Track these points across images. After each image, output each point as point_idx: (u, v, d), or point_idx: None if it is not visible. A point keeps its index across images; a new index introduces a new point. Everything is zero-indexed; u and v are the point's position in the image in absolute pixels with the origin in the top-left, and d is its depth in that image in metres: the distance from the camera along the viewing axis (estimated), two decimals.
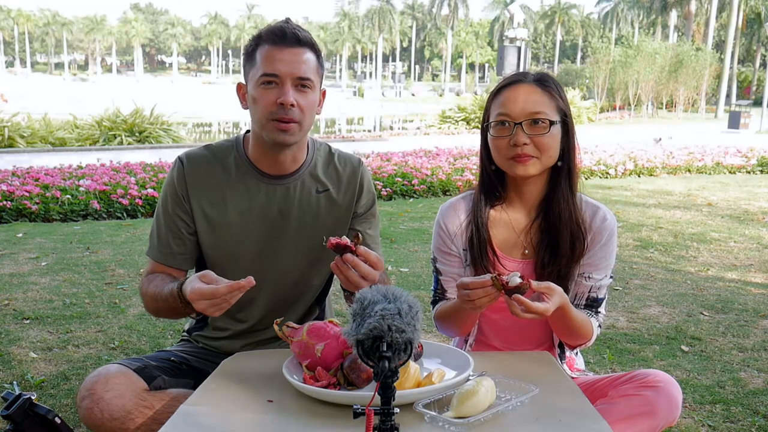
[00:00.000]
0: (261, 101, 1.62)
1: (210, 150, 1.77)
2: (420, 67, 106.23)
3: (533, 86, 1.63)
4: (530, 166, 1.61)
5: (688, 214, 7.25)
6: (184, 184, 1.73)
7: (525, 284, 1.40)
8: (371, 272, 1.44)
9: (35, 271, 4.49)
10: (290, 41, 1.62)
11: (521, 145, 1.59)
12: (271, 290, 1.78)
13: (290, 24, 1.66)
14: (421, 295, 3.92)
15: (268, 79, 1.61)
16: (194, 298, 1.40)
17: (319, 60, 1.69)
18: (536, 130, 1.60)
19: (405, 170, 9.10)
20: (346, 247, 1.43)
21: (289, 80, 1.61)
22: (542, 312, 1.42)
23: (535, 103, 1.60)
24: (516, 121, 1.60)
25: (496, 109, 1.64)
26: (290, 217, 1.75)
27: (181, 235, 1.74)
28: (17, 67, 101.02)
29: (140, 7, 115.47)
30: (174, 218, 1.74)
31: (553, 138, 1.62)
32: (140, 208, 6.91)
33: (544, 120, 1.60)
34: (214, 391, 1.42)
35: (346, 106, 35.77)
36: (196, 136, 21.08)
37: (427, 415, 1.25)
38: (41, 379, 2.79)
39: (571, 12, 78.26)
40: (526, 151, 1.60)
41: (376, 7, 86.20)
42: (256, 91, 1.63)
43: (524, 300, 1.40)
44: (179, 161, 1.76)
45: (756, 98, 45.08)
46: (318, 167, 1.79)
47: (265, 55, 1.62)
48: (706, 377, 2.90)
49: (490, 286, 1.42)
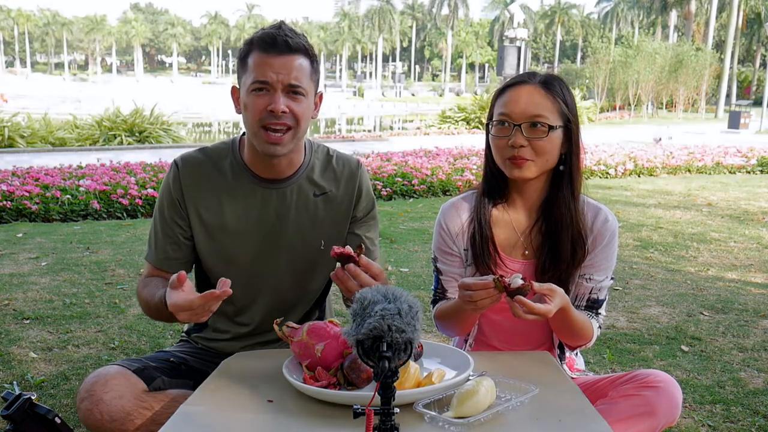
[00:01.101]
0: (251, 107, 1.61)
1: (205, 153, 1.76)
2: (420, 67, 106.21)
3: (537, 88, 1.61)
4: (525, 169, 1.61)
5: (688, 214, 7.25)
6: (180, 188, 1.72)
7: (527, 286, 1.40)
8: (372, 283, 1.43)
9: (35, 271, 4.49)
10: (281, 48, 1.59)
11: (518, 147, 1.59)
12: (270, 293, 1.78)
13: (282, 29, 1.63)
14: (421, 295, 3.92)
15: (259, 86, 1.60)
16: (174, 311, 1.39)
17: (314, 65, 1.66)
18: (535, 134, 1.59)
19: (405, 170, 9.09)
20: (350, 257, 1.43)
21: (279, 87, 1.59)
22: (544, 313, 1.42)
23: (536, 106, 1.59)
24: (515, 122, 1.59)
25: (499, 108, 1.64)
26: (287, 221, 1.74)
27: (177, 241, 1.74)
28: (17, 67, 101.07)
29: (140, 7, 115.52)
30: (170, 223, 1.74)
31: (552, 142, 1.61)
32: (140, 208, 6.92)
33: (543, 124, 1.59)
34: (213, 392, 1.41)
35: (346, 106, 35.74)
36: (196, 136, 21.10)
37: (427, 415, 1.25)
38: (41, 379, 2.79)
39: (571, 12, 78.27)
40: (522, 154, 1.59)
41: (376, 7, 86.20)
42: (247, 98, 1.62)
43: (526, 302, 1.40)
44: (174, 165, 1.75)
45: (756, 98, 45.08)
46: (315, 170, 1.78)
47: (256, 61, 1.60)
48: (706, 377, 2.90)
49: (492, 288, 1.42)
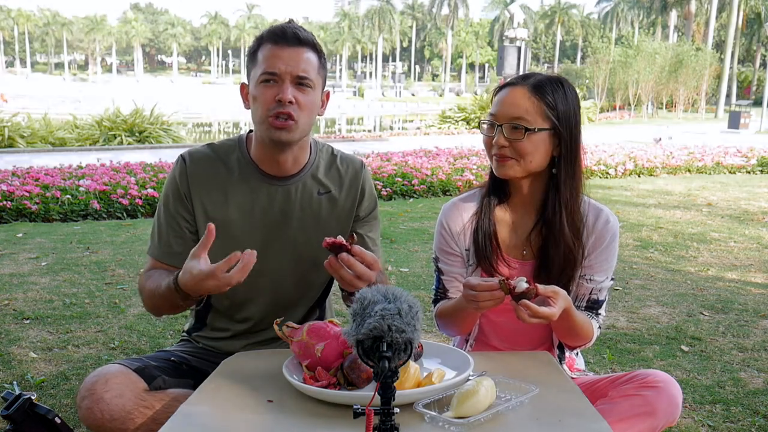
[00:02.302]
0: (260, 98, 1.64)
1: (213, 149, 1.78)
2: (420, 67, 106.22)
3: (524, 91, 1.63)
4: (509, 168, 1.64)
5: (688, 214, 7.25)
6: (186, 182, 1.73)
7: (532, 289, 1.41)
8: (366, 272, 1.45)
9: (35, 271, 4.49)
10: (290, 40, 1.63)
11: (499, 146, 1.63)
12: (272, 291, 1.78)
13: (292, 24, 1.67)
14: (421, 295, 3.92)
15: (268, 77, 1.62)
16: (200, 279, 1.42)
17: (322, 61, 1.69)
18: (514, 135, 1.62)
19: (405, 170, 9.09)
20: (342, 246, 1.44)
21: (288, 78, 1.62)
22: (548, 317, 1.43)
23: (517, 108, 1.62)
24: (498, 122, 1.64)
25: (490, 108, 1.69)
26: (291, 219, 1.75)
27: (182, 234, 1.74)
28: (17, 67, 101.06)
29: (140, 7, 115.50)
30: (175, 216, 1.74)
31: (533, 144, 1.62)
32: (140, 208, 6.92)
33: (521, 126, 1.61)
34: (214, 391, 1.41)
35: (346, 106, 35.76)
36: (196, 136, 21.10)
37: (427, 415, 1.25)
38: (41, 379, 2.79)
39: (571, 12, 78.24)
40: (504, 153, 1.64)
41: (376, 7, 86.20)
42: (256, 90, 1.65)
43: (531, 305, 1.41)
44: (182, 159, 1.76)
45: (756, 98, 45.08)
46: (320, 169, 1.79)
47: (266, 54, 1.64)
48: (706, 377, 2.90)
49: (497, 290, 1.43)
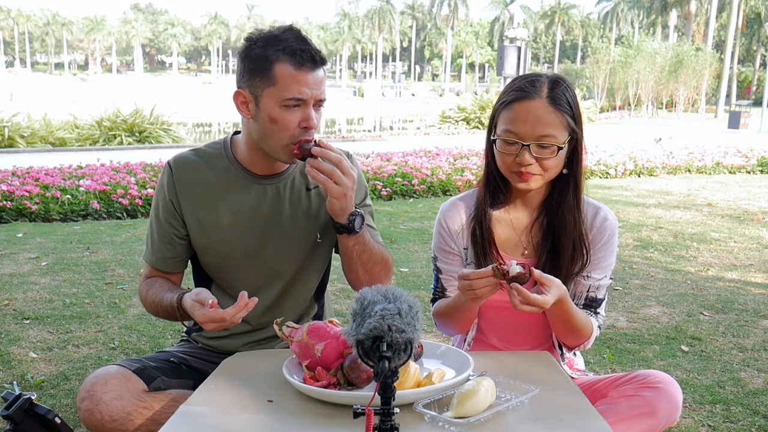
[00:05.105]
0: (283, 123, 1.60)
1: (198, 153, 1.78)
2: (420, 67, 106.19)
3: (545, 104, 1.56)
4: (532, 182, 1.61)
5: (688, 214, 7.25)
6: (174, 189, 1.74)
7: (525, 274, 1.42)
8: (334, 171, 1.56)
9: (35, 271, 4.49)
10: (315, 63, 1.60)
11: (526, 165, 1.58)
12: (268, 289, 1.79)
13: (308, 42, 1.61)
14: (421, 295, 3.92)
15: (295, 103, 1.59)
16: (204, 321, 1.47)
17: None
18: (543, 153, 1.57)
19: (405, 170, 9.09)
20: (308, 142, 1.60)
21: (311, 102, 1.61)
22: (541, 304, 1.43)
23: (544, 126, 1.55)
24: (524, 142, 1.56)
25: (505, 124, 1.60)
26: (282, 216, 1.76)
27: (172, 241, 1.76)
28: (17, 67, 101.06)
29: (140, 7, 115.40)
30: (164, 224, 1.76)
31: (560, 158, 1.60)
32: (140, 208, 6.91)
33: (552, 145, 1.57)
34: (214, 391, 1.42)
35: (346, 106, 35.75)
36: (196, 136, 21.07)
37: (427, 415, 1.25)
38: (41, 379, 2.79)
39: (571, 12, 78.24)
40: (530, 170, 1.58)
41: (376, 7, 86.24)
42: (276, 112, 1.60)
43: (522, 290, 1.41)
44: (168, 166, 1.76)
45: (756, 98, 45.08)
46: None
47: (290, 76, 1.58)
48: (706, 377, 2.90)
49: (491, 276, 1.43)
